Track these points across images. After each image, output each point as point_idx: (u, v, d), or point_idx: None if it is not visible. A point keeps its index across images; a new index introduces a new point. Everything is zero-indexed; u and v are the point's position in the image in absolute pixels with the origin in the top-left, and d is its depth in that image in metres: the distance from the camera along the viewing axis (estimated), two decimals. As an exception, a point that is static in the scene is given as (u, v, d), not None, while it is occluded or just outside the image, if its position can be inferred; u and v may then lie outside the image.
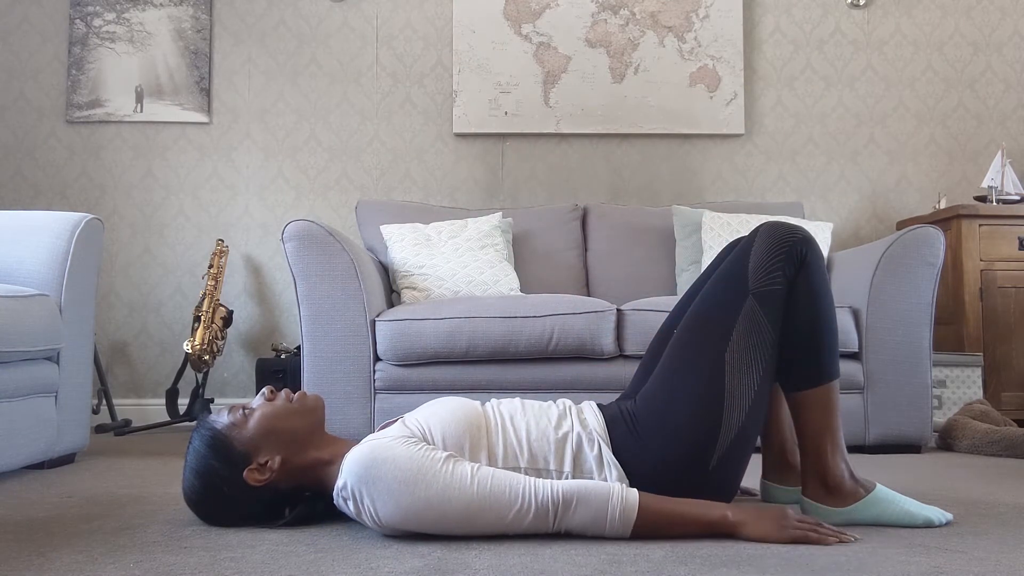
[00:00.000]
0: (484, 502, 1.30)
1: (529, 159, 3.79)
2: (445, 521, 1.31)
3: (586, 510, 1.31)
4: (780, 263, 1.45)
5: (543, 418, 1.46)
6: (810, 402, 1.47)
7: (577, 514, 1.31)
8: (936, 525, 1.46)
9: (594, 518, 1.31)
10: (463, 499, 1.30)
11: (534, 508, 1.31)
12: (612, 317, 2.62)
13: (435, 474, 1.30)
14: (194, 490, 1.43)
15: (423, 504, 1.30)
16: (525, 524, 1.32)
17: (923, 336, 2.60)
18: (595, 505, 1.31)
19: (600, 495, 1.31)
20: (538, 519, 1.31)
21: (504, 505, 1.31)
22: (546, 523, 1.32)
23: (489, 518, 1.31)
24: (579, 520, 1.32)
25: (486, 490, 1.31)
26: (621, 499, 1.31)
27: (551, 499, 1.31)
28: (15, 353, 2.06)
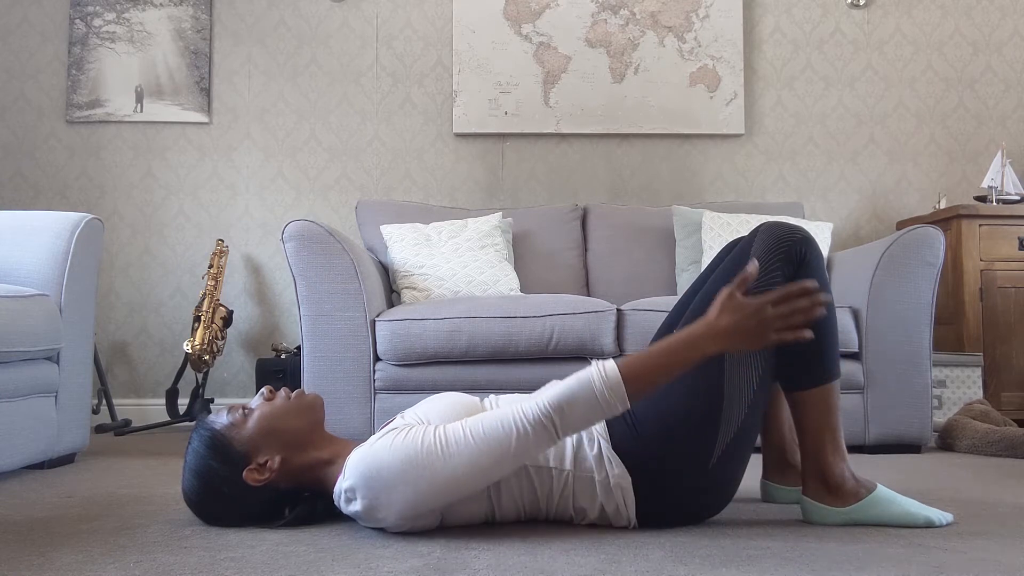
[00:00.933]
0: (486, 448, 1.30)
1: (529, 159, 3.79)
2: (461, 488, 1.31)
3: (578, 406, 1.29)
4: (779, 263, 1.45)
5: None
6: (810, 402, 1.47)
7: (573, 413, 1.29)
8: (936, 525, 1.46)
9: (589, 408, 1.29)
10: (467, 459, 1.30)
11: (531, 429, 1.29)
12: (612, 317, 2.62)
13: (434, 453, 1.30)
14: (194, 490, 1.43)
15: (437, 486, 1.30)
16: (532, 448, 1.30)
17: (923, 336, 2.60)
18: (583, 397, 1.29)
19: (584, 385, 1.29)
20: (540, 437, 1.29)
21: (504, 441, 1.29)
22: (550, 436, 1.30)
23: (497, 460, 1.30)
24: (578, 417, 1.29)
25: (482, 436, 1.30)
26: (604, 377, 1.29)
27: (542, 413, 1.29)
28: (15, 353, 2.06)
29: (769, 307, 1.30)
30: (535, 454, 1.32)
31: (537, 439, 1.30)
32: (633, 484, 1.41)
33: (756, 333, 1.30)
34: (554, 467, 1.42)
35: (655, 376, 1.31)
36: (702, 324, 1.31)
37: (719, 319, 1.31)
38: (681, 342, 1.31)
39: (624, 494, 1.41)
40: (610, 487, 1.41)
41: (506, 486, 1.41)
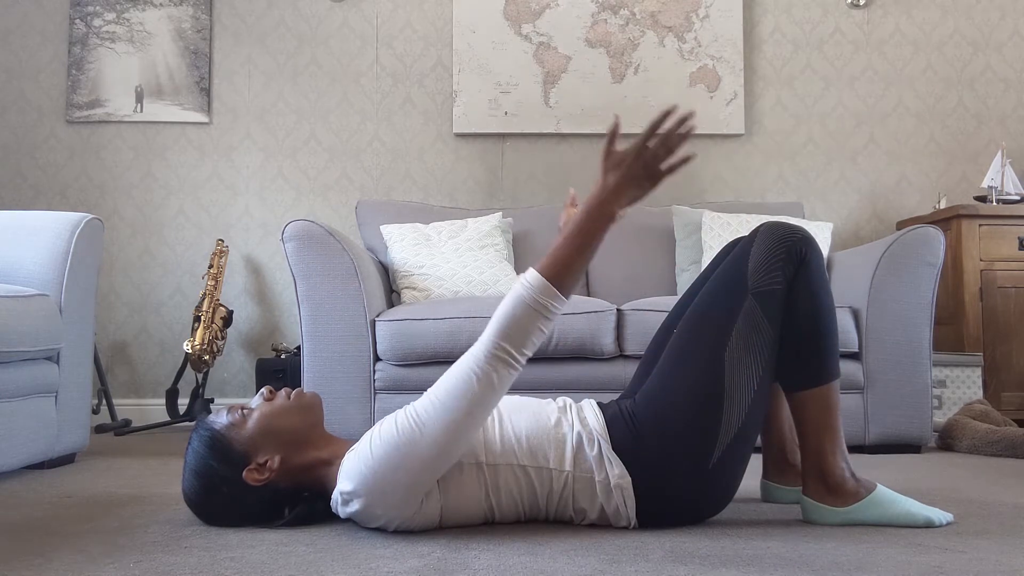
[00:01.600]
0: (455, 405, 1.29)
1: (529, 159, 3.79)
2: (450, 451, 1.31)
3: (520, 323, 1.29)
4: (780, 263, 1.44)
5: (542, 415, 1.46)
6: (810, 402, 1.47)
7: (520, 333, 1.29)
8: (936, 525, 1.46)
9: (531, 320, 1.29)
10: (442, 423, 1.29)
11: (488, 367, 1.29)
12: (612, 317, 2.62)
13: (411, 431, 1.30)
14: (194, 490, 1.43)
15: (426, 461, 1.30)
16: (497, 384, 1.30)
17: (923, 336, 2.60)
18: (520, 313, 1.29)
19: (516, 302, 1.29)
20: (501, 371, 1.29)
21: (468, 391, 1.29)
22: (509, 365, 1.30)
23: (469, 411, 1.30)
24: (525, 334, 1.29)
25: (447, 395, 1.30)
26: (529, 286, 1.29)
27: (492, 347, 1.29)
28: (15, 353, 2.06)
29: (645, 146, 1.29)
30: (502, 390, 1.31)
31: (498, 374, 1.30)
32: (633, 484, 1.40)
33: (646, 175, 1.29)
34: (554, 468, 1.42)
35: (574, 260, 1.30)
36: (596, 192, 1.30)
37: (607, 179, 1.30)
38: (586, 216, 1.30)
39: (624, 494, 1.41)
40: (610, 488, 1.41)
41: (505, 487, 1.41)
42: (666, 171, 1.29)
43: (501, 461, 1.40)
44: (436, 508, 1.38)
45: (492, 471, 1.40)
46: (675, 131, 1.27)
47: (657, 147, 1.28)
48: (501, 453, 1.41)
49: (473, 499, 1.40)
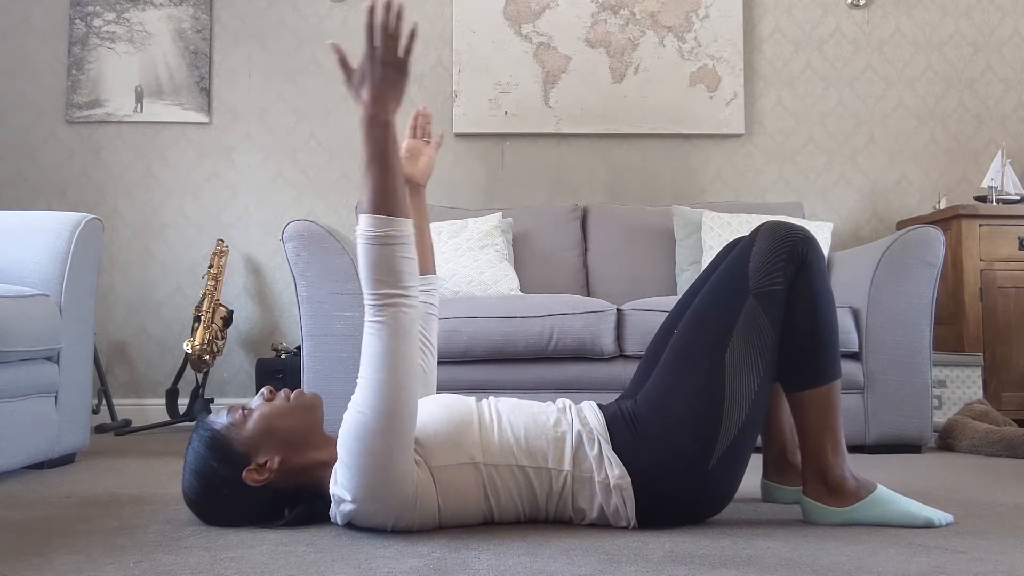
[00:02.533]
0: (376, 372, 1.28)
1: (529, 159, 3.79)
2: (400, 414, 1.29)
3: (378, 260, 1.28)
4: (781, 263, 1.44)
5: (541, 416, 1.46)
6: (811, 402, 1.47)
7: (384, 269, 1.28)
8: (936, 525, 1.46)
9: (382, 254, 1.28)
10: (376, 393, 1.29)
11: (382, 316, 1.28)
12: (612, 317, 2.62)
13: (360, 415, 1.30)
14: (194, 490, 1.43)
15: (385, 434, 1.29)
16: (401, 327, 1.28)
17: (923, 336, 2.60)
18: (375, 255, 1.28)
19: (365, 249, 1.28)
20: (396, 313, 1.28)
21: (381, 348, 1.28)
22: (401, 304, 1.29)
23: (392, 366, 1.28)
24: (393, 269, 1.28)
25: (368, 368, 1.29)
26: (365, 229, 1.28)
27: (372, 300, 1.28)
28: (15, 353, 2.06)
29: (373, 47, 1.28)
30: (411, 329, 1.30)
31: (396, 319, 1.28)
32: (633, 485, 1.40)
33: (390, 69, 1.28)
34: (552, 468, 1.42)
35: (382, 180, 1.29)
36: (361, 112, 1.30)
37: (362, 95, 1.29)
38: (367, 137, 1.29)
39: (624, 495, 1.40)
40: (609, 488, 1.41)
41: (504, 487, 1.41)
42: (405, 54, 1.29)
43: (500, 461, 1.40)
44: (433, 508, 1.38)
45: (490, 471, 1.40)
46: (388, 17, 1.27)
47: (383, 41, 1.28)
48: (499, 453, 1.41)
49: (472, 499, 1.40)
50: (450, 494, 1.39)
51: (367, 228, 1.29)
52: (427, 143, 1.71)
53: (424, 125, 1.71)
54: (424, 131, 1.71)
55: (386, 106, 1.30)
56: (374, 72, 1.29)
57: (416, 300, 1.32)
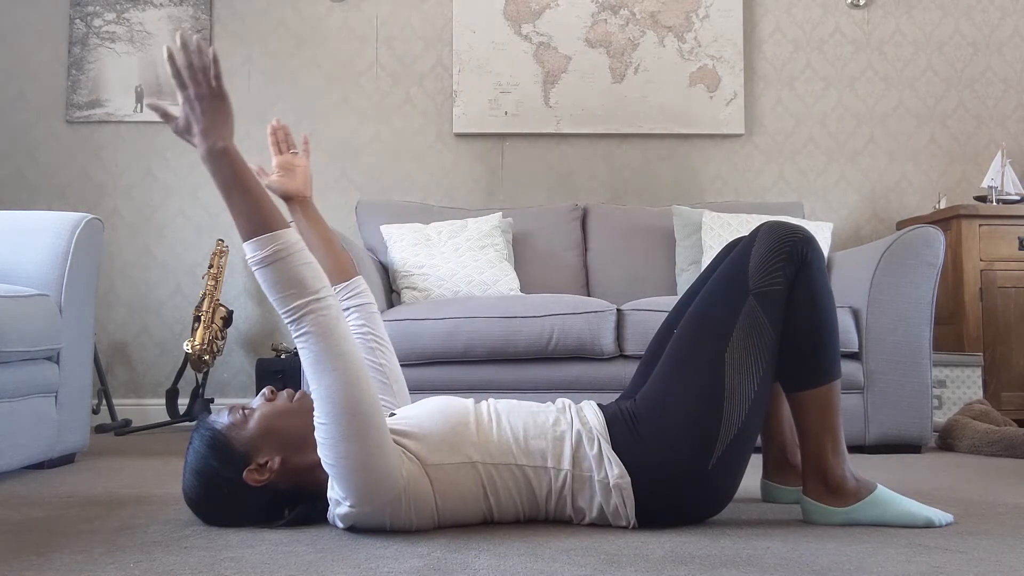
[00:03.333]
0: (323, 372, 1.28)
1: (529, 159, 3.79)
2: (362, 409, 1.29)
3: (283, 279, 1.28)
4: (781, 263, 1.44)
5: (540, 416, 1.46)
6: (811, 402, 1.47)
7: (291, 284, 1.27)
8: (936, 525, 1.46)
9: (287, 271, 1.28)
10: (332, 396, 1.28)
11: (305, 328, 1.28)
12: (612, 317, 2.62)
13: (330, 434, 1.30)
14: (194, 490, 1.43)
15: (360, 432, 1.29)
16: (326, 329, 1.28)
17: (923, 336, 2.60)
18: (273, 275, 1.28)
19: (260, 274, 1.28)
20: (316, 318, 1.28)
21: (318, 354, 1.28)
22: (318, 309, 1.28)
23: (335, 364, 1.28)
24: (295, 280, 1.28)
25: (315, 380, 1.29)
26: (252, 257, 1.28)
27: (290, 316, 1.28)
28: (15, 353, 2.06)
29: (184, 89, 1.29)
30: (336, 328, 1.29)
31: (318, 323, 1.28)
32: (632, 484, 1.40)
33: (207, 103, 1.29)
34: (552, 467, 1.42)
35: (244, 204, 1.29)
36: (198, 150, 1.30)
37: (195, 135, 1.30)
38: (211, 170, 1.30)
39: (623, 494, 1.41)
40: (609, 487, 1.41)
41: (503, 487, 1.41)
42: (217, 80, 1.30)
43: (499, 461, 1.40)
44: (430, 506, 1.38)
45: (490, 471, 1.40)
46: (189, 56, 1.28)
47: (191, 79, 1.29)
48: (498, 453, 1.41)
49: (471, 498, 1.40)
50: (448, 493, 1.39)
51: (253, 254, 1.29)
52: (295, 154, 1.69)
53: (284, 138, 1.70)
54: (287, 143, 1.69)
55: (219, 134, 1.30)
56: (195, 110, 1.30)
57: (331, 300, 1.31)
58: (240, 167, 1.31)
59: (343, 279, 1.64)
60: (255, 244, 1.29)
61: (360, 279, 1.67)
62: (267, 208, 1.30)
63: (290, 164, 1.67)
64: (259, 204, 1.30)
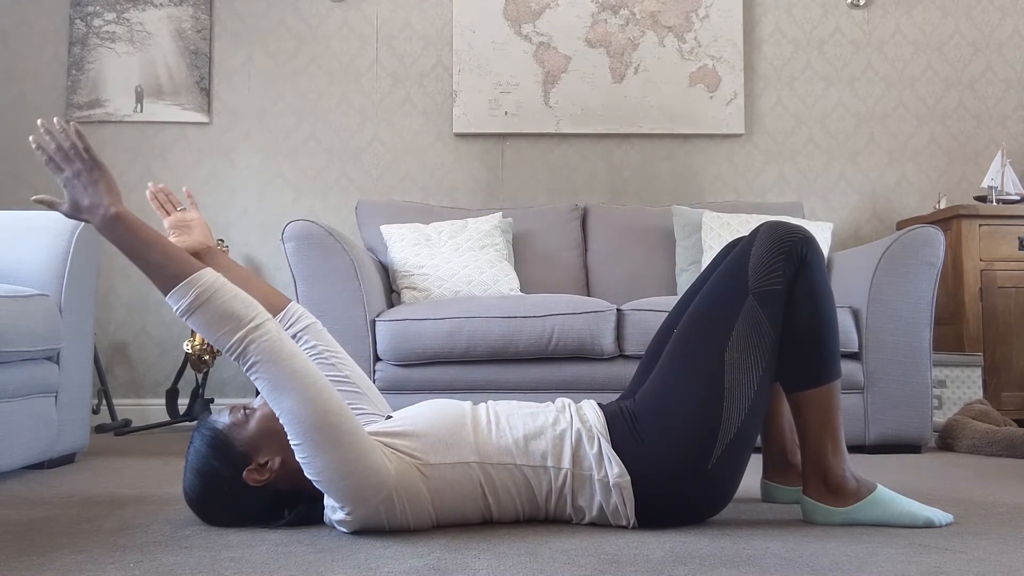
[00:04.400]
0: (285, 392, 1.29)
1: (529, 159, 3.79)
2: (329, 418, 1.29)
3: (213, 319, 1.29)
4: (780, 263, 1.44)
5: (540, 416, 1.47)
6: (811, 402, 1.47)
7: (225, 320, 1.29)
8: (936, 525, 1.46)
9: (214, 311, 1.29)
10: (299, 413, 1.29)
11: (252, 358, 1.29)
12: (612, 317, 2.62)
13: (308, 453, 1.30)
14: (194, 489, 1.43)
15: (338, 439, 1.29)
16: (271, 355, 1.29)
17: (923, 336, 2.60)
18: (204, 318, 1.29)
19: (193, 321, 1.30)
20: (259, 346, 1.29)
21: (274, 379, 1.29)
22: (257, 338, 1.29)
23: (293, 385, 1.29)
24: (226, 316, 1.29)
25: (279, 404, 1.30)
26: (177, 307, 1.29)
27: (235, 351, 1.29)
28: (15, 353, 2.06)
29: (61, 170, 1.32)
30: (282, 348, 1.30)
31: (259, 351, 1.29)
32: (632, 484, 1.41)
33: (85, 177, 1.32)
34: (551, 466, 1.42)
35: (148, 263, 1.31)
36: (93, 224, 1.33)
37: (84, 211, 1.33)
38: (108, 237, 1.32)
39: (623, 493, 1.41)
40: (609, 486, 1.41)
41: (503, 486, 1.41)
42: (87, 153, 1.32)
43: (497, 461, 1.40)
44: (426, 505, 1.38)
45: (488, 471, 1.40)
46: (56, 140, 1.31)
47: (63, 160, 1.32)
48: (497, 453, 1.41)
49: (469, 496, 1.40)
50: (445, 492, 1.39)
51: (177, 305, 1.29)
52: (183, 210, 1.69)
53: (167, 199, 1.69)
54: (171, 203, 1.69)
55: (108, 202, 1.32)
56: (77, 188, 1.32)
57: (269, 324, 1.32)
58: (138, 226, 1.32)
59: (276, 311, 1.63)
60: (176, 295, 1.29)
61: (293, 303, 1.66)
62: (177, 257, 1.31)
63: (183, 221, 1.67)
64: (167, 256, 1.31)
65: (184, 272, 1.30)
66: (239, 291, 1.33)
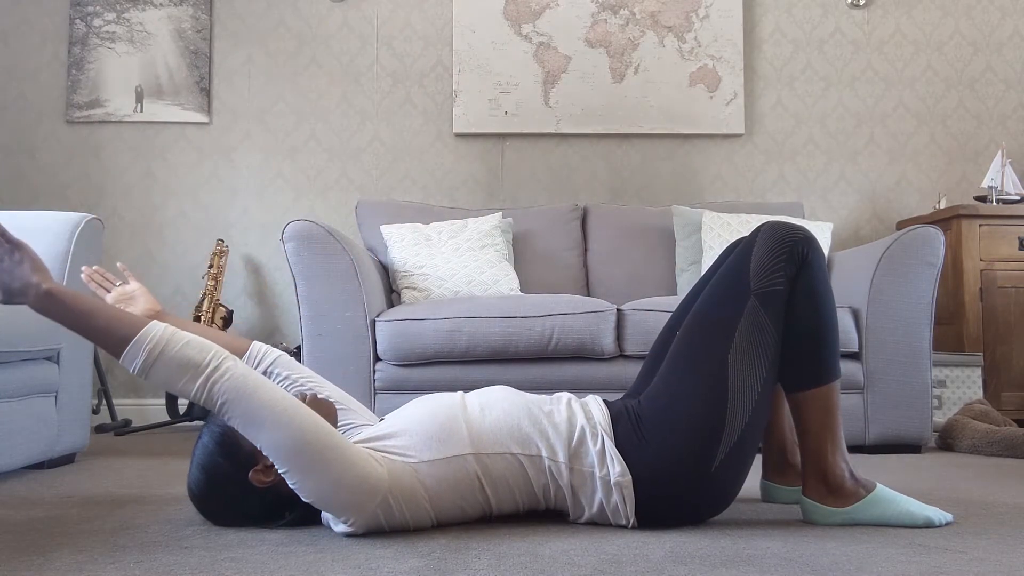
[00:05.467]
0: (260, 425, 1.28)
1: (529, 159, 3.79)
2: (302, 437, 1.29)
3: (172, 374, 1.27)
4: (782, 263, 1.44)
5: (534, 407, 1.46)
6: (811, 402, 1.47)
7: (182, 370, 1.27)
8: (936, 525, 1.46)
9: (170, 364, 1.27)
10: (275, 439, 1.28)
11: (219, 400, 1.28)
12: (612, 317, 2.62)
13: (297, 477, 1.31)
14: (198, 485, 1.43)
15: (321, 456, 1.30)
16: (237, 390, 1.28)
17: (923, 336, 2.60)
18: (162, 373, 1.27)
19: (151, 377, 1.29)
20: (222, 387, 1.28)
21: (247, 414, 1.28)
22: (215, 380, 1.28)
23: (265, 416, 1.28)
24: (184, 363, 1.27)
25: (251, 433, 1.29)
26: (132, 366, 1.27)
27: (198, 396, 1.28)
28: (15, 353, 2.06)
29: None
30: (246, 383, 1.29)
31: (223, 392, 1.28)
32: (634, 483, 1.41)
33: (7, 264, 1.33)
34: (547, 456, 1.42)
35: (93, 332, 1.29)
36: (29, 303, 1.32)
37: (18, 293, 1.32)
38: (51, 317, 1.32)
39: (624, 492, 1.41)
40: (610, 484, 1.41)
41: (500, 476, 1.41)
42: (4, 237, 1.33)
43: (492, 451, 1.40)
44: (424, 504, 1.38)
45: (484, 461, 1.40)
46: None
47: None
48: (492, 443, 1.41)
49: (467, 490, 1.40)
50: (443, 489, 1.39)
51: (133, 364, 1.28)
52: (122, 284, 1.69)
53: (103, 279, 1.70)
54: (109, 281, 1.69)
55: (37, 280, 1.32)
56: (3, 274, 1.33)
57: (227, 362, 1.30)
58: (74, 298, 1.31)
59: (240, 353, 1.63)
60: (128, 356, 1.28)
61: (255, 343, 1.67)
62: (120, 319, 1.30)
63: (124, 294, 1.68)
64: (111, 320, 1.30)
65: (131, 331, 1.28)
66: (191, 336, 1.31)
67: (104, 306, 1.32)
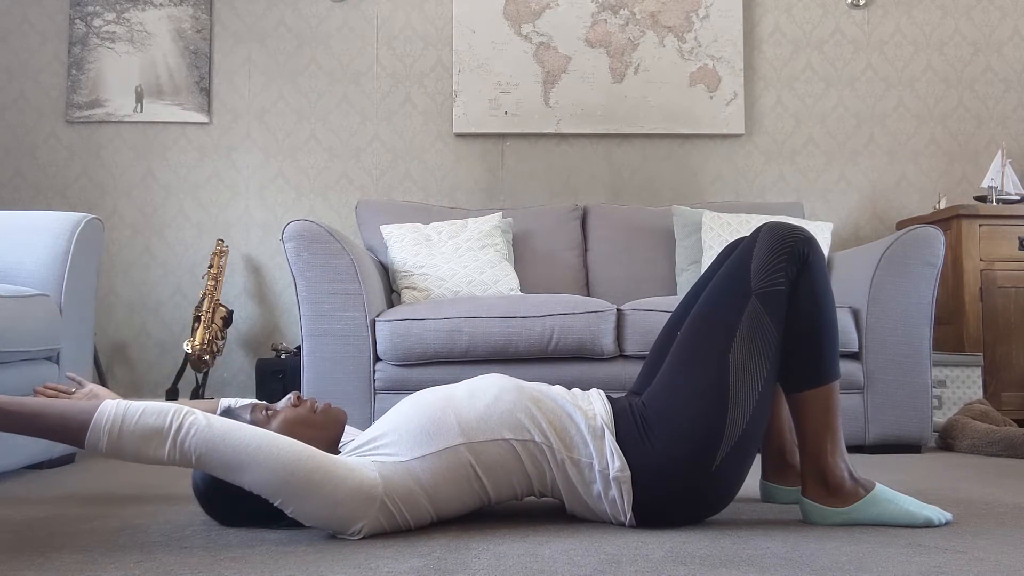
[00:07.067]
0: (241, 470, 1.28)
1: (529, 159, 3.79)
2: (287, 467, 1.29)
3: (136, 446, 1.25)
4: (782, 263, 1.45)
5: (526, 390, 1.46)
6: (810, 402, 1.47)
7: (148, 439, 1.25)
8: (936, 525, 1.46)
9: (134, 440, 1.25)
10: (265, 478, 1.28)
11: (190, 457, 1.27)
12: (612, 317, 2.62)
13: (293, 507, 1.31)
14: (204, 481, 1.43)
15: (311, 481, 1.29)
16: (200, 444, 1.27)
17: (923, 336, 2.60)
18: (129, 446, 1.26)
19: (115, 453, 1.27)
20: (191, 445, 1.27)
21: (223, 464, 1.28)
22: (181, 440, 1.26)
23: (240, 460, 1.28)
24: (147, 434, 1.25)
25: (235, 478, 1.29)
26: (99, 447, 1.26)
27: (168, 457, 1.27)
28: (15, 353, 2.06)
29: None
30: (211, 432, 1.28)
31: (192, 449, 1.27)
32: (633, 481, 1.41)
33: None
34: (541, 441, 1.42)
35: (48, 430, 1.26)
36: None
37: None
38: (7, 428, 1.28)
39: (622, 488, 1.41)
40: (609, 479, 1.41)
41: (495, 462, 1.41)
42: None
43: (485, 438, 1.40)
44: (422, 502, 1.37)
45: (477, 448, 1.40)
46: None
47: None
48: (483, 430, 1.41)
49: (463, 480, 1.40)
50: (439, 483, 1.38)
51: (97, 449, 1.26)
52: (75, 390, 1.65)
53: (56, 394, 1.65)
54: (64, 391, 1.65)
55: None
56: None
57: (187, 417, 1.29)
58: (19, 403, 1.28)
59: (212, 411, 1.62)
60: (90, 441, 1.26)
61: (221, 400, 1.66)
62: (70, 409, 1.28)
63: (85, 396, 1.64)
64: (63, 413, 1.27)
65: (86, 417, 1.27)
66: (144, 404, 1.30)
67: (50, 402, 1.29)
